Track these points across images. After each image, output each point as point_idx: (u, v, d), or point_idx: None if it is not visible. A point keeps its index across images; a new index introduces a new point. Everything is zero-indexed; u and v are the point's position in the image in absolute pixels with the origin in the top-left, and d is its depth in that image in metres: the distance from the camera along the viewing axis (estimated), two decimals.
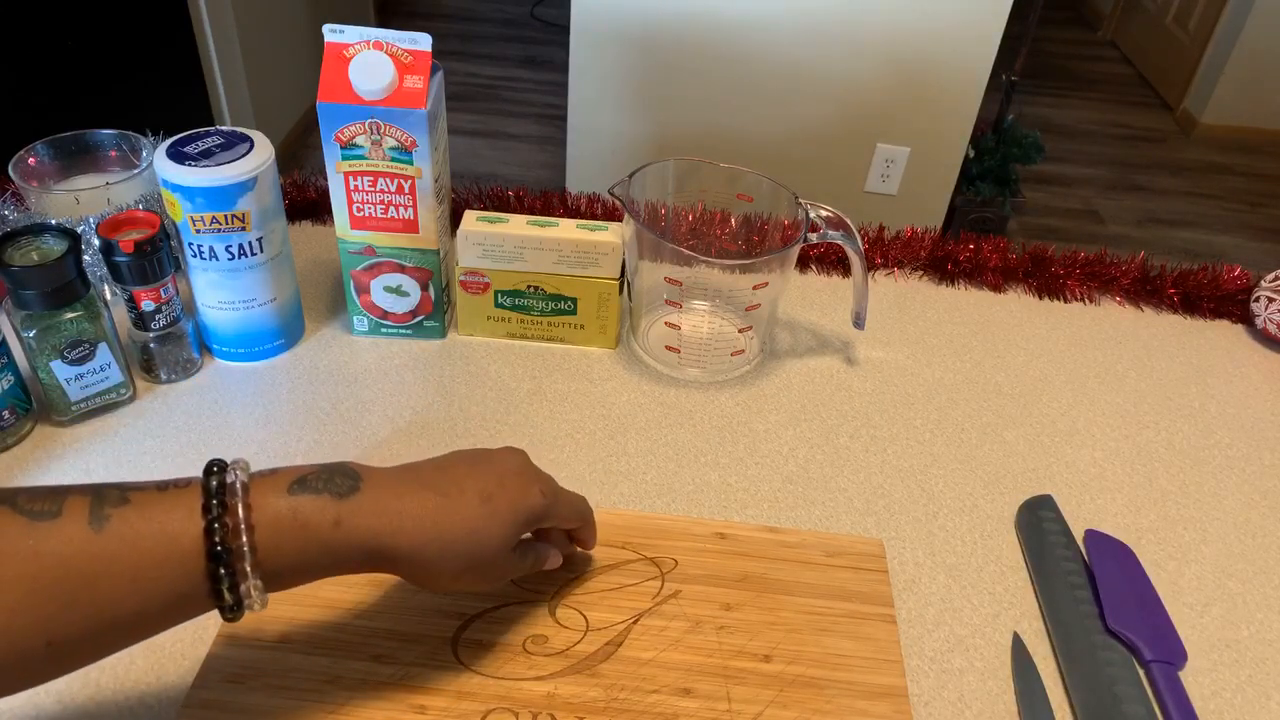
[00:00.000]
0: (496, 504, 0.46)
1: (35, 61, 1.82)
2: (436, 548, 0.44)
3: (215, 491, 0.39)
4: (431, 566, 0.45)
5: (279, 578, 0.41)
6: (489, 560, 0.46)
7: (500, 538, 0.46)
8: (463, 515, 0.45)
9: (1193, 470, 0.70)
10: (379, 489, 0.44)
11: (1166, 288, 0.87)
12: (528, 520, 0.48)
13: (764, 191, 0.73)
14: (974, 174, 2.36)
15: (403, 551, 0.43)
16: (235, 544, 0.39)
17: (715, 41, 1.94)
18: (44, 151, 0.75)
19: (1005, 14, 1.85)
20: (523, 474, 0.49)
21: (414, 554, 0.44)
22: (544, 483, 0.50)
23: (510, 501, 0.47)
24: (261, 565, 0.40)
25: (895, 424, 0.72)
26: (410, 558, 0.44)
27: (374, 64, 0.63)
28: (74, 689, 0.50)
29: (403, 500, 0.44)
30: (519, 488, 0.48)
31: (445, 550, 0.44)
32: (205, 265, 0.67)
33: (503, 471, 0.48)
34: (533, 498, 0.48)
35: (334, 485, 0.42)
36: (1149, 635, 0.56)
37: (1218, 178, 3.05)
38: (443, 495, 0.45)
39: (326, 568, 0.43)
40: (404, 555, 0.43)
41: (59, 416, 0.65)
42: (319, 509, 0.41)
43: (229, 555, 0.39)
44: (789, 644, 0.53)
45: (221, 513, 0.39)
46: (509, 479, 0.48)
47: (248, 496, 0.40)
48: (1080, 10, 4.25)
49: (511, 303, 0.74)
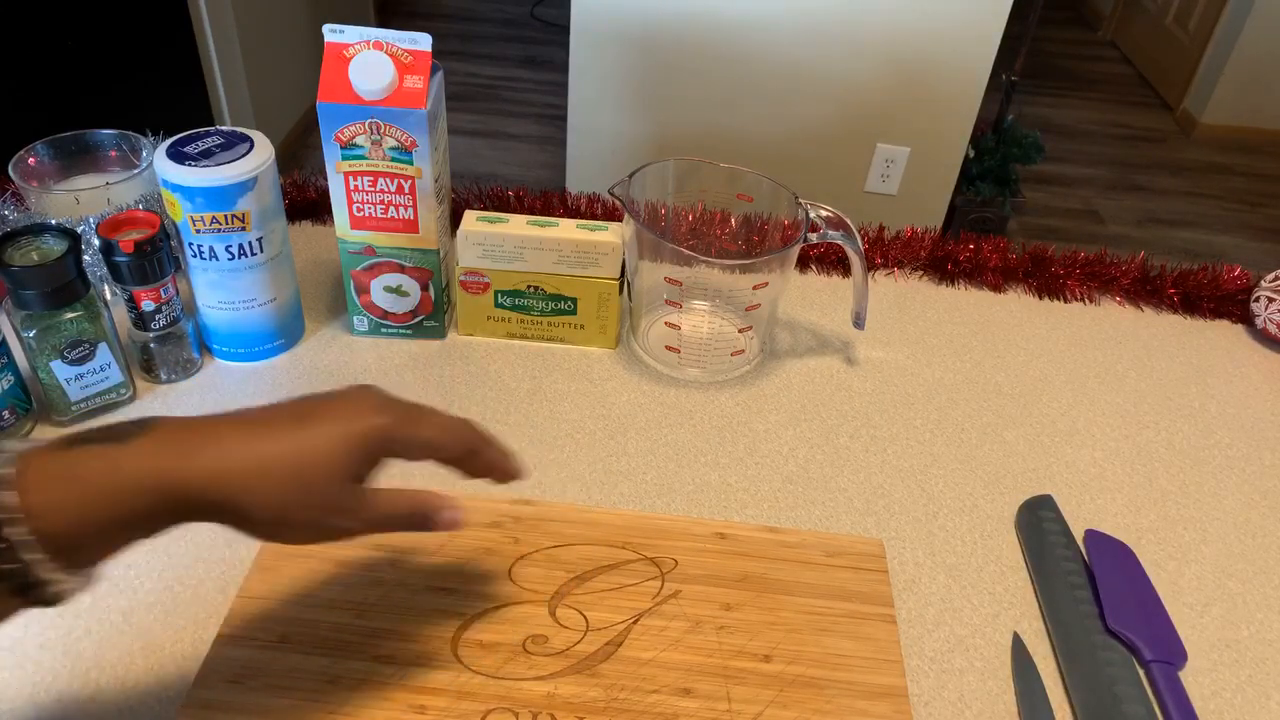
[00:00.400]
0: (317, 424, 0.41)
1: (35, 61, 1.82)
2: (239, 481, 0.39)
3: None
4: (240, 505, 0.39)
5: (73, 544, 0.36)
6: (315, 492, 0.40)
7: (323, 461, 0.40)
8: (271, 441, 0.40)
9: (1193, 470, 0.70)
10: (172, 430, 0.39)
11: (1166, 288, 0.87)
12: (366, 445, 0.41)
13: (764, 191, 0.73)
14: (974, 174, 2.36)
15: (200, 490, 0.38)
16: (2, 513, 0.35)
17: (715, 41, 1.94)
18: (44, 151, 0.75)
19: (1005, 14, 1.85)
20: (359, 397, 0.43)
21: (215, 491, 0.38)
22: (392, 404, 0.43)
23: (339, 420, 0.41)
24: (44, 532, 0.35)
25: (895, 424, 0.72)
26: (212, 497, 0.38)
27: (374, 64, 0.63)
28: (74, 689, 0.50)
29: (198, 436, 0.39)
30: (351, 410, 0.42)
31: (253, 483, 0.39)
32: (205, 265, 0.67)
33: (335, 397, 0.43)
34: (367, 419, 0.42)
35: (115, 433, 0.38)
36: (1149, 635, 0.56)
37: (1218, 178, 3.05)
38: (252, 424, 0.40)
39: (122, 524, 0.38)
40: (203, 494, 0.38)
41: (59, 416, 0.65)
42: (96, 458, 0.37)
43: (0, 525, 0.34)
44: (789, 644, 0.53)
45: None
46: (339, 401, 0.42)
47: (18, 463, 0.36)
48: (1080, 10, 4.25)
49: (511, 303, 0.74)
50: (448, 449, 0.45)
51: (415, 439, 0.43)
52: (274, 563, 0.55)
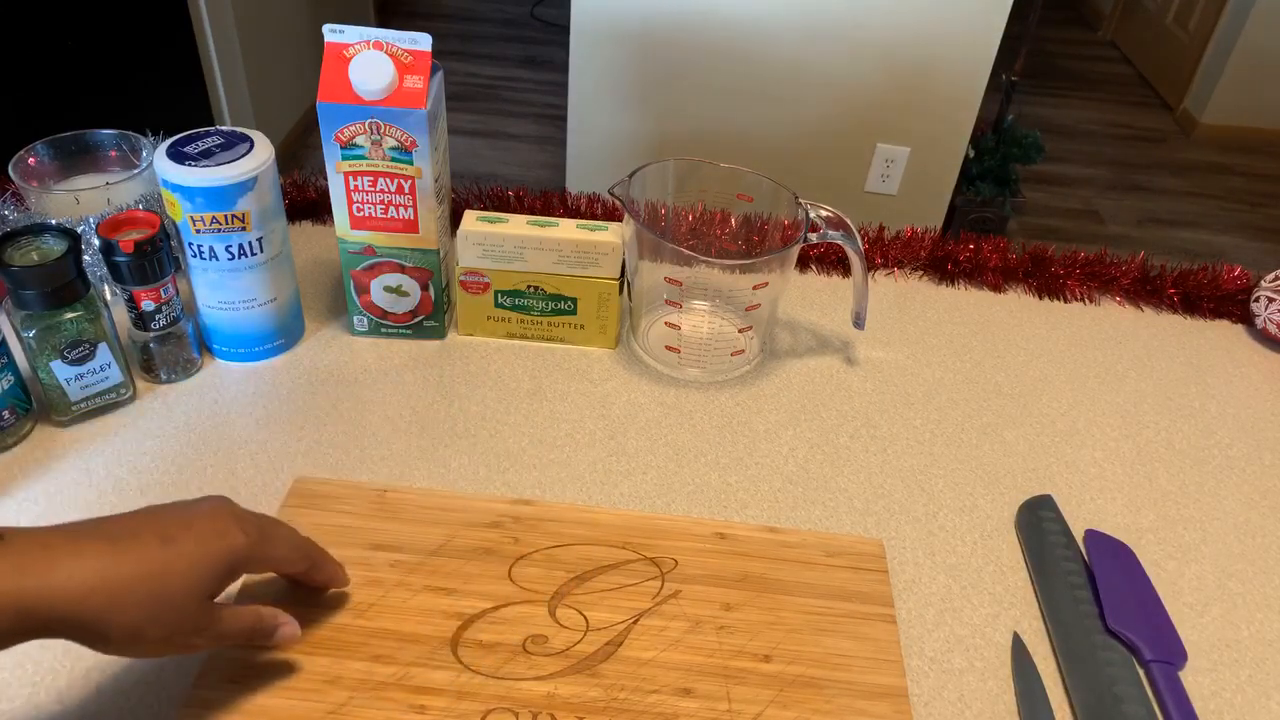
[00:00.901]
0: (179, 544, 0.41)
1: (35, 61, 1.82)
2: (101, 599, 0.38)
3: None
4: (100, 623, 0.38)
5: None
6: (176, 611, 0.41)
7: (187, 581, 0.41)
8: (136, 559, 0.39)
9: (1193, 470, 0.70)
10: (24, 543, 0.38)
11: (1166, 288, 0.87)
12: (226, 562, 0.43)
13: (764, 191, 0.73)
14: (974, 174, 2.36)
15: (61, 609, 0.37)
16: None
17: (715, 41, 1.94)
18: (44, 151, 0.75)
19: (1005, 14, 1.85)
20: (218, 514, 0.44)
21: (75, 610, 0.37)
22: (247, 522, 0.44)
23: (198, 540, 0.42)
24: None
25: (895, 424, 0.72)
26: (72, 616, 0.38)
27: (374, 64, 0.63)
28: (74, 689, 0.50)
29: (55, 552, 0.38)
30: (210, 526, 0.43)
31: (113, 601, 0.38)
32: (205, 265, 0.67)
33: (192, 513, 0.43)
34: (229, 536, 0.43)
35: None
36: (1149, 635, 0.56)
37: (1218, 178, 3.05)
38: (110, 541, 0.40)
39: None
40: (64, 613, 0.37)
41: (59, 416, 0.65)
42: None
43: None
44: (789, 644, 0.53)
45: None
46: (199, 519, 0.43)
47: None
48: (1080, 10, 4.25)
49: (511, 303, 0.74)
50: (294, 564, 0.49)
51: (269, 557, 0.46)
52: None
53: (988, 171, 2.37)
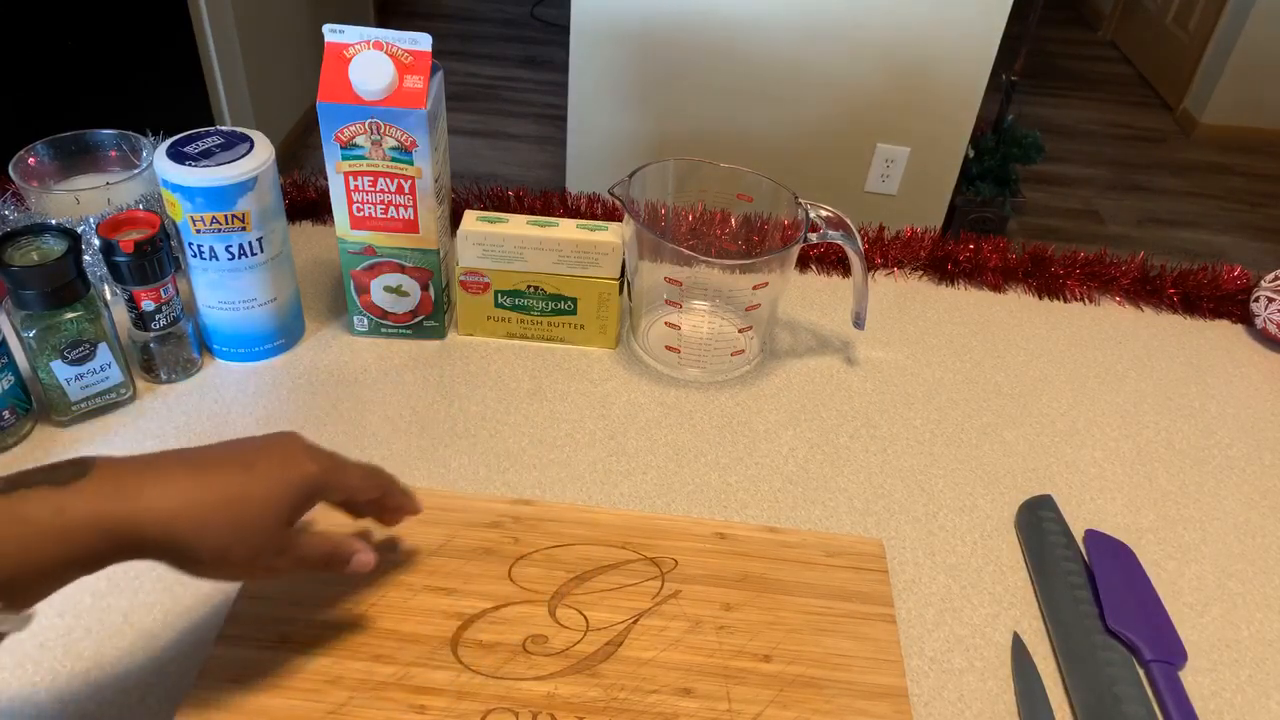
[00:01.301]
0: (258, 470, 0.43)
1: (35, 61, 1.82)
2: (190, 522, 0.40)
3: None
4: (189, 545, 0.41)
5: (15, 585, 0.37)
6: (258, 535, 0.43)
7: (267, 505, 0.43)
8: (220, 484, 0.42)
9: (1193, 470, 0.70)
10: (114, 471, 0.40)
11: (1166, 288, 0.87)
12: (302, 487, 0.44)
13: (764, 191, 0.73)
14: (974, 174, 2.36)
15: (151, 530, 0.40)
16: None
17: (715, 41, 1.94)
18: (44, 151, 0.75)
19: (1005, 14, 1.85)
20: (292, 446, 0.46)
21: (164, 532, 0.40)
22: (319, 454, 0.46)
23: (276, 468, 0.44)
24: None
25: (895, 424, 0.72)
26: (161, 537, 0.40)
27: (374, 64, 0.63)
28: (74, 689, 0.50)
29: (143, 477, 0.40)
30: (286, 456, 0.45)
31: (202, 524, 0.41)
32: (205, 265, 0.67)
33: (269, 444, 0.45)
34: (303, 464, 0.45)
35: (55, 476, 0.39)
36: (1149, 635, 0.56)
37: (1218, 178, 3.05)
38: (194, 468, 0.42)
39: (67, 564, 0.39)
40: (154, 535, 0.40)
41: (59, 416, 0.65)
42: (38, 501, 0.38)
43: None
44: (789, 644, 0.53)
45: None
46: (275, 450, 0.45)
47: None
48: (1080, 10, 4.25)
49: (511, 303, 0.74)
50: (367, 491, 0.50)
51: (342, 485, 0.48)
52: None
53: (988, 171, 2.37)
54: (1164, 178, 3.03)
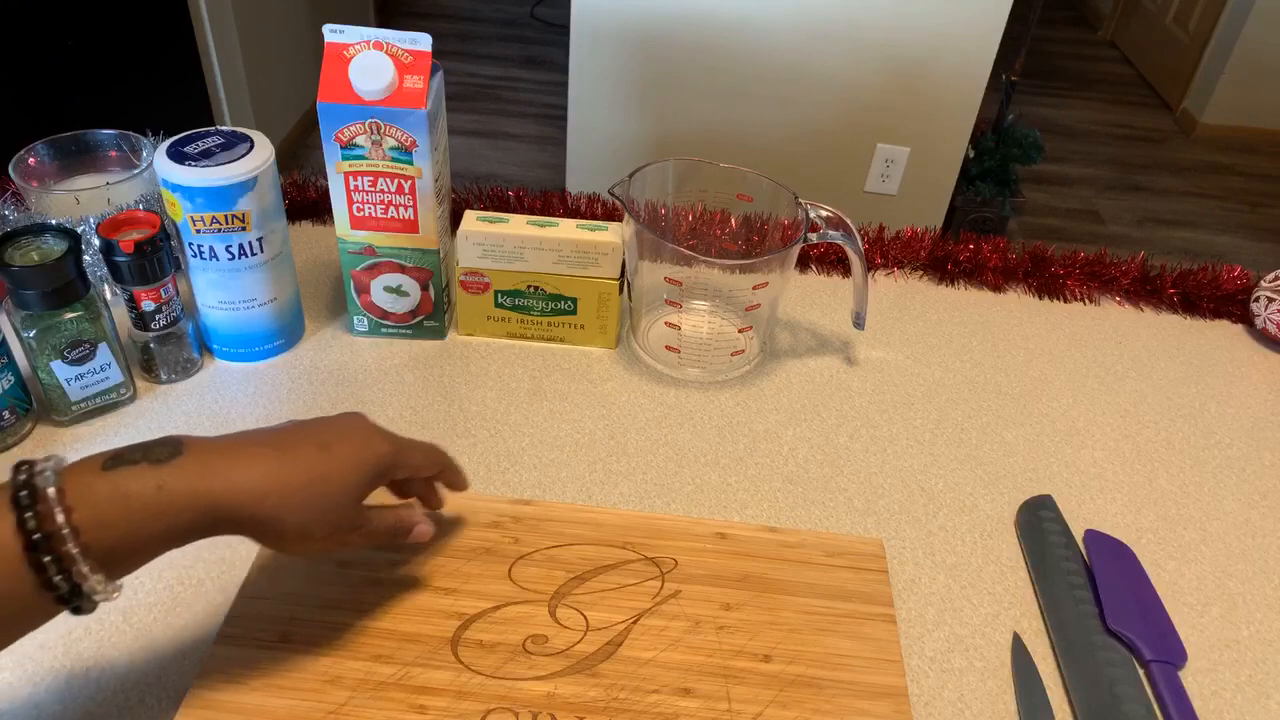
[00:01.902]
0: (335, 451, 0.46)
1: (35, 61, 1.82)
2: (276, 499, 0.43)
3: (23, 484, 0.39)
4: (275, 521, 0.44)
5: (116, 557, 0.40)
6: (337, 510, 0.46)
7: (344, 484, 0.46)
8: (301, 464, 0.45)
9: (1193, 470, 0.70)
10: (205, 451, 0.43)
11: (1166, 288, 0.87)
12: (375, 469, 0.48)
13: (764, 191, 0.73)
14: (974, 174, 2.36)
15: (240, 507, 0.43)
16: (52, 528, 0.38)
17: (715, 41, 1.94)
18: (44, 151, 0.75)
19: (1005, 14, 1.85)
20: (362, 427, 0.49)
21: (253, 508, 0.43)
22: (386, 435, 0.50)
23: (351, 449, 0.47)
24: (90, 546, 0.39)
25: (895, 424, 0.72)
26: (250, 513, 0.43)
27: (374, 64, 0.63)
28: (74, 688, 0.50)
29: (232, 457, 0.43)
30: (359, 437, 0.48)
31: (286, 501, 0.44)
32: (205, 265, 0.67)
33: (341, 426, 0.48)
34: (375, 445, 0.48)
35: (153, 454, 0.42)
36: (1149, 635, 0.56)
37: (1218, 178, 3.05)
38: (277, 448, 0.45)
39: (164, 536, 0.41)
40: (243, 511, 0.43)
41: (59, 416, 0.65)
42: (139, 477, 0.40)
43: (49, 541, 0.38)
44: (789, 644, 0.53)
45: (32, 501, 0.38)
46: (348, 431, 0.48)
47: (60, 481, 0.39)
48: (1080, 10, 4.25)
49: (511, 303, 0.74)
50: (428, 469, 0.53)
51: (408, 463, 0.51)
52: (274, 563, 0.55)
53: (988, 171, 2.37)
54: (1164, 178, 3.03)
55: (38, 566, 0.38)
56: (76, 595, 0.39)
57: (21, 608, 0.39)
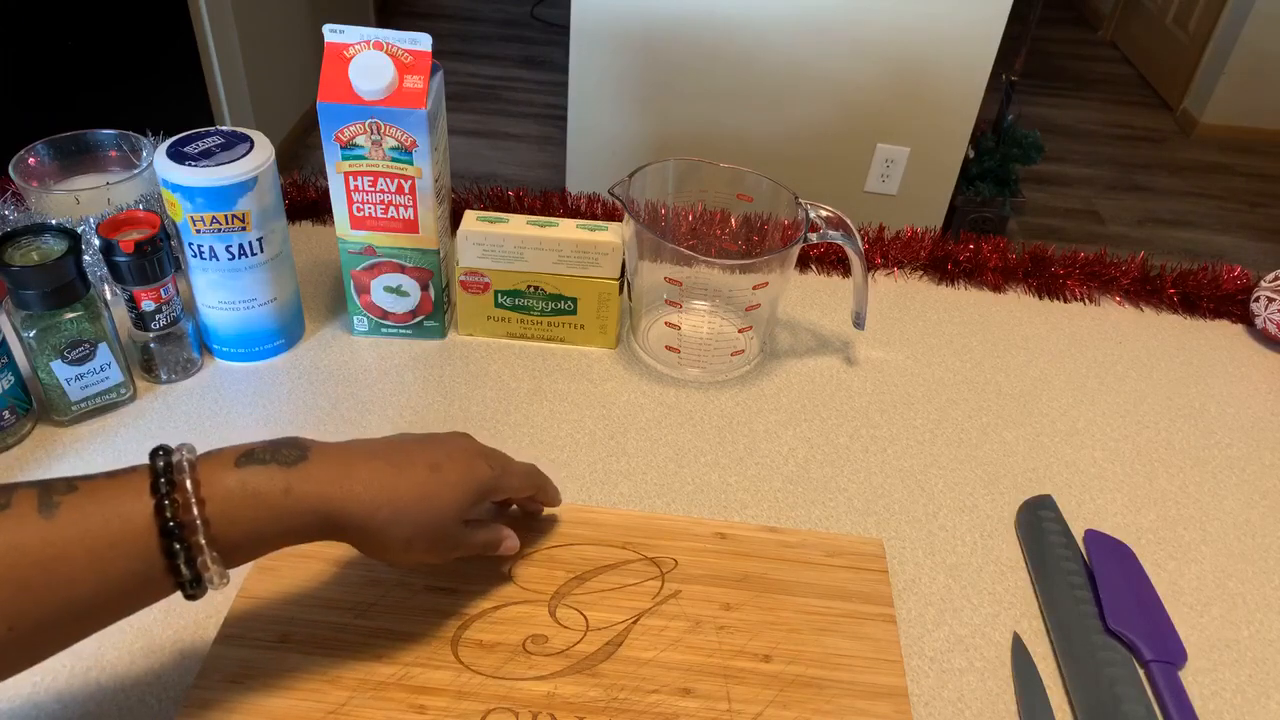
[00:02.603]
0: (445, 473, 0.48)
1: (35, 61, 1.82)
2: (388, 513, 0.45)
3: (163, 471, 0.40)
4: (383, 533, 0.46)
5: (236, 550, 0.42)
6: (440, 528, 0.48)
7: (450, 505, 0.48)
8: (413, 482, 0.46)
9: (1193, 470, 0.70)
10: (327, 458, 0.45)
11: (1166, 288, 0.87)
12: (478, 490, 0.49)
13: (764, 191, 0.73)
14: (974, 174, 2.36)
15: (355, 516, 0.44)
16: (187, 518, 0.39)
17: (715, 41, 1.94)
18: (44, 151, 0.75)
19: (1005, 14, 1.85)
20: (469, 450, 0.51)
21: (366, 519, 0.45)
22: (491, 458, 0.51)
23: (459, 472, 0.48)
24: (216, 538, 0.40)
25: (895, 424, 0.72)
26: (363, 523, 0.45)
27: (374, 64, 0.63)
28: (74, 688, 0.50)
29: (352, 467, 0.45)
30: (466, 460, 0.50)
31: (397, 516, 0.45)
32: (205, 265, 0.67)
33: (451, 447, 0.50)
34: (480, 469, 0.50)
35: (281, 456, 0.43)
36: (1149, 635, 0.56)
37: (1218, 178, 3.05)
38: (392, 464, 0.46)
39: (281, 535, 0.43)
40: (357, 521, 0.44)
41: (59, 416, 0.65)
42: (268, 478, 0.42)
43: (181, 530, 0.39)
44: (789, 644, 0.53)
45: (170, 489, 0.40)
46: (457, 453, 0.50)
47: (195, 473, 0.41)
48: (1080, 10, 4.25)
49: (511, 303, 0.74)
50: (524, 491, 0.55)
51: (508, 487, 0.53)
52: (274, 563, 0.55)
53: (988, 171, 2.37)
54: (1164, 178, 3.03)
55: (168, 552, 0.39)
56: (196, 583, 0.40)
57: (144, 587, 0.40)
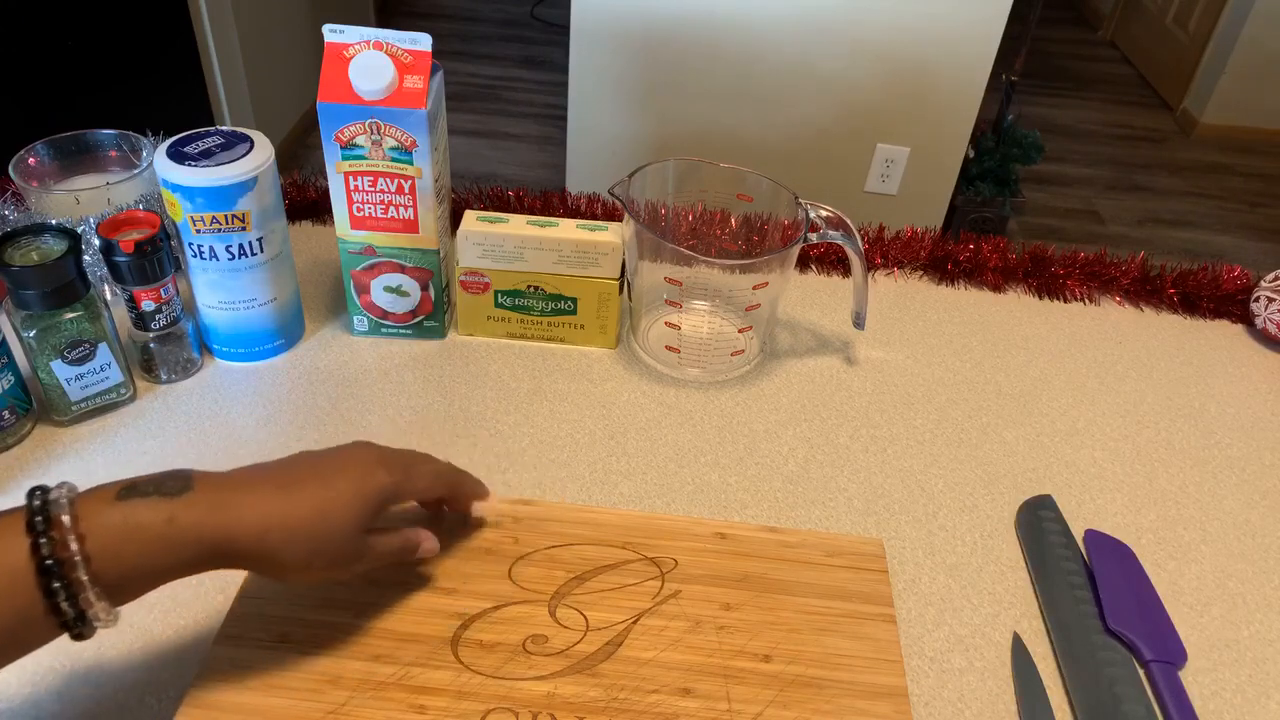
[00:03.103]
0: (337, 486, 0.47)
1: (35, 61, 1.82)
2: (279, 535, 0.44)
3: (39, 509, 0.39)
4: (277, 555, 0.45)
5: (122, 585, 0.41)
6: (339, 544, 0.47)
7: (346, 519, 0.47)
8: (303, 500, 0.46)
9: (1193, 470, 0.70)
10: (213, 486, 0.44)
11: (1166, 288, 0.87)
12: (376, 499, 0.48)
13: (764, 191, 0.73)
14: (974, 174, 2.36)
15: (246, 542, 0.44)
16: (65, 555, 0.39)
17: (715, 41, 1.94)
18: (44, 151, 0.75)
19: (1005, 14, 1.85)
20: (364, 459, 0.49)
21: (256, 544, 0.44)
22: (390, 464, 0.50)
23: (352, 483, 0.47)
24: (99, 575, 0.39)
25: (895, 424, 0.72)
26: (254, 549, 0.44)
27: (374, 64, 0.63)
28: (74, 688, 0.50)
29: (239, 493, 0.44)
30: (360, 470, 0.48)
31: (290, 537, 0.45)
32: (205, 265, 0.67)
33: (344, 459, 0.49)
34: (376, 477, 0.48)
35: (165, 487, 0.42)
36: (1149, 635, 0.56)
37: (1218, 178, 3.05)
38: (280, 485, 0.46)
39: (171, 569, 0.42)
40: (246, 547, 0.44)
41: (59, 416, 0.65)
42: (151, 510, 0.41)
43: (60, 567, 0.38)
44: (789, 644, 0.53)
45: (46, 527, 0.39)
46: (350, 464, 0.48)
47: (74, 509, 0.40)
48: (1080, 10, 4.25)
49: (511, 303, 0.74)
50: (436, 491, 0.54)
51: (413, 489, 0.52)
52: None
53: (988, 171, 2.37)
54: (1164, 178, 3.03)
55: (47, 591, 0.38)
56: (80, 621, 0.40)
57: (26, 629, 0.39)
